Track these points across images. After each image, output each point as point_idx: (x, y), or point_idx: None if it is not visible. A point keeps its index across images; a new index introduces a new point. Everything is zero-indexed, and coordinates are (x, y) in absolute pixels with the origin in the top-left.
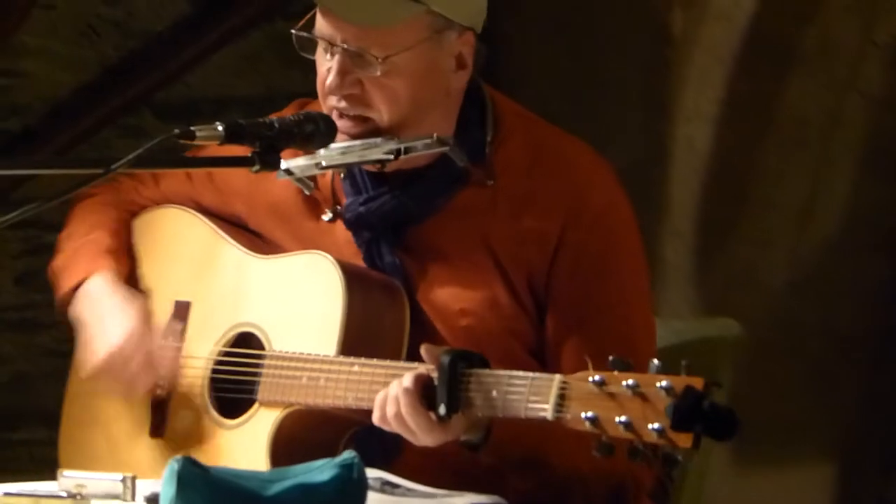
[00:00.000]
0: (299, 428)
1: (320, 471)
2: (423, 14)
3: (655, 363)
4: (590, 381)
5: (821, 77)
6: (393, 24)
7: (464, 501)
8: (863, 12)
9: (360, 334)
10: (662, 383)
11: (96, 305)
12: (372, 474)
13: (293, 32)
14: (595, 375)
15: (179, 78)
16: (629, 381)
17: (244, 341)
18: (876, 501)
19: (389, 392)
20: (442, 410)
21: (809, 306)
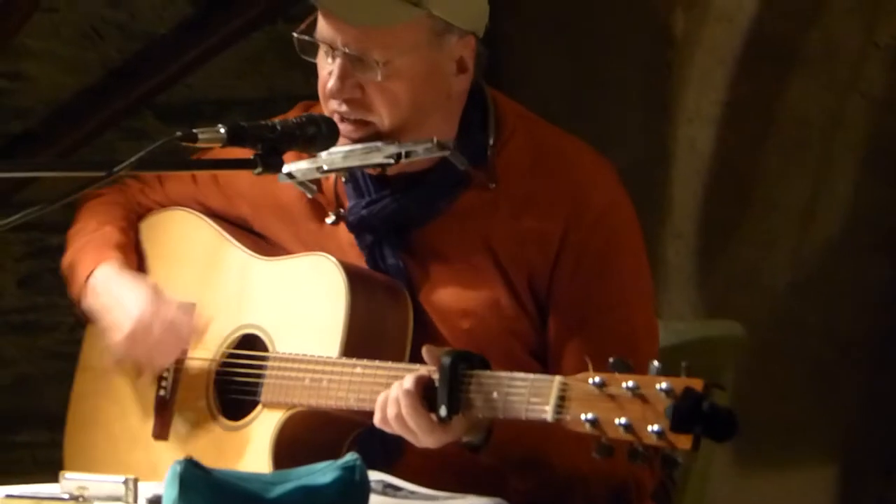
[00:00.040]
0: (302, 429)
1: (322, 473)
2: (424, 18)
3: (655, 365)
4: (590, 383)
5: (822, 78)
6: (393, 26)
7: (465, 503)
8: (864, 14)
9: (364, 336)
10: (662, 385)
11: (107, 292)
12: (374, 477)
13: (295, 35)
14: (595, 377)
15: (181, 80)
16: (629, 383)
17: (248, 343)
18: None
19: (390, 394)
20: (443, 412)
21: (811, 307)
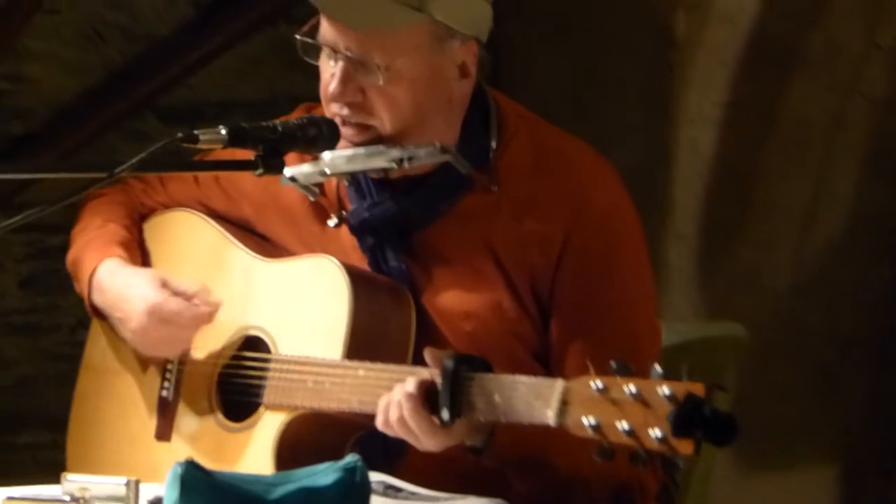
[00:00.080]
0: (305, 432)
1: (324, 474)
2: (426, 23)
3: (658, 369)
4: (592, 387)
5: (824, 79)
6: (395, 30)
7: None
8: (866, 15)
9: (366, 338)
10: (664, 390)
11: (113, 287)
12: (375, 478)
13: (297, 38)
14: (597, 381)
15: (183, 82)
16: (631, 388)
17: (251, 345)
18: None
19: (392, 396)
20: (445, 415)
21: (812, 308)
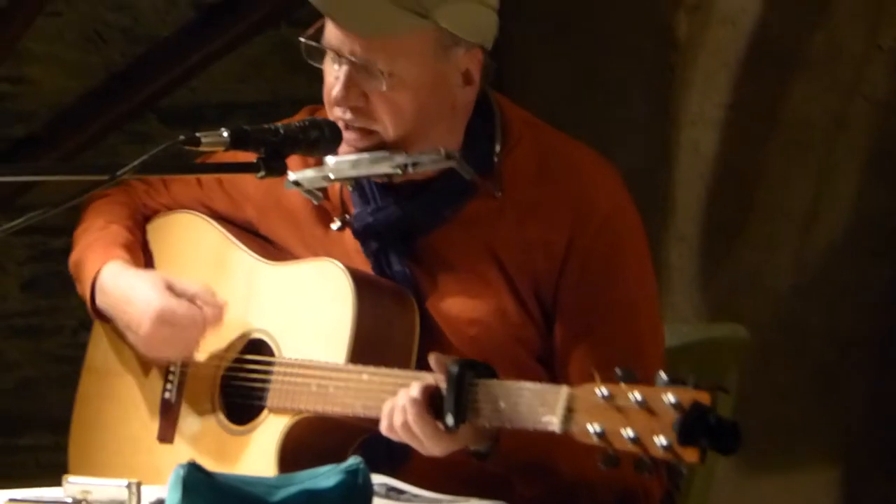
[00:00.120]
0: (308, 435)
1: (326, 476)
2: (431, 30)
3: (663, 376)
4: (597, 394)
5: (825, 81)
6: (399, 36)
7: None
8: (868, 16)
9: (370, 341)
10: (670, 398)
11: (117, 290)
12: (377, 480)
13: (302, 41)
14: (603, 388)
15: (185, 84)
16: (637, 396)
17: (254, 348)
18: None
19: (397, 402)
20: (449, 420)
21: (813, 309)
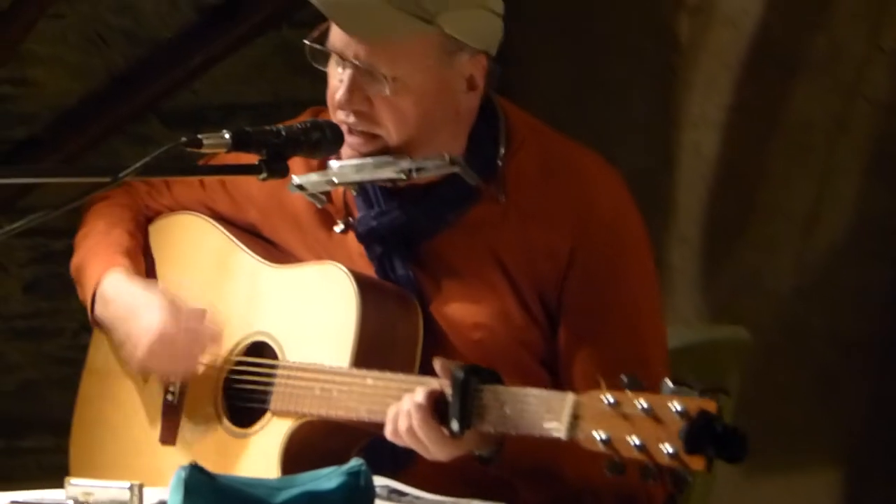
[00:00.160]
0: (311, 438)
1: (327, 478)
2: (436, 35)
3: (669, 384)
4: (603, 401)
5: (827, 82)
6: (403, 41)
7: None
8: (869, 18)
9: (374, 345)
10: (677, 406)
11: (119, 301)
12: (379, 482)
13: (306, 43)
14: (609, 395)
15: (187, 85)
16: (643, 403)
17: (257, 350)
18: None
19: (401, 407)
20: (454, 426)
21: (815, 311)
